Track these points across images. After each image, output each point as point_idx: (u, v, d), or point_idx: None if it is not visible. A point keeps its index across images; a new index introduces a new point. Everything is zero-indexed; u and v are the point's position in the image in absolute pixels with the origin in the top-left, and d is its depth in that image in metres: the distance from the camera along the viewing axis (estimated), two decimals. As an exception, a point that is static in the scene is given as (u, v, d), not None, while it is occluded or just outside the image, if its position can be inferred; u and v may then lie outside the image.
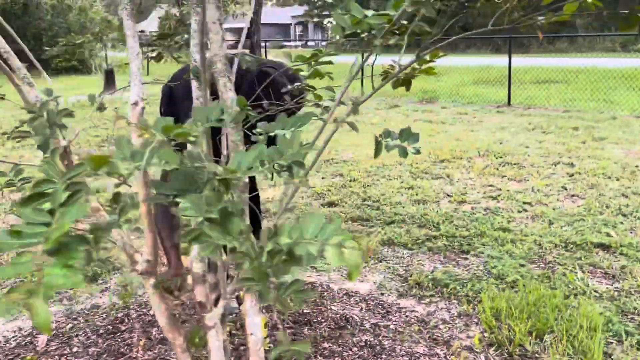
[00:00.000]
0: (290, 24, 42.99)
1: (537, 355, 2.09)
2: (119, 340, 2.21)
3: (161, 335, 2.20)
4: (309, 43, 34.12)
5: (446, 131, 6.90)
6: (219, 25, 1.24)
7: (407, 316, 2.39)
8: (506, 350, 2.12)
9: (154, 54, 1.60)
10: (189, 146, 1.22)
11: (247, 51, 1.96)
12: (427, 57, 1.95)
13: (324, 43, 34.14)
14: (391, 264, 2.99)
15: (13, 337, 2.29)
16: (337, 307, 2.45)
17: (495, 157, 5.40)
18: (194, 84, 1.34)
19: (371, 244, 3.20)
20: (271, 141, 1.73)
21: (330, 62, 1.61)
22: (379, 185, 4.57)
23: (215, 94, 2.08)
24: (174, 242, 2.25)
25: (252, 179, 2.79)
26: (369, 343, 2.16)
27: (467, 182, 4.62)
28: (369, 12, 1.29)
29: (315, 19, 38.04)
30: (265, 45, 17.00)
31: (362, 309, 2.45)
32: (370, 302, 2.52)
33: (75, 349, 2.16)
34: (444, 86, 10.86)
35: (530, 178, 4.65)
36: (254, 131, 1.29)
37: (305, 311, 2.38)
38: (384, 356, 2.07)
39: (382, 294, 2.61)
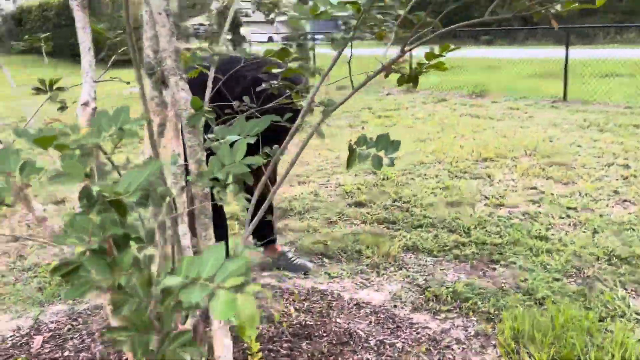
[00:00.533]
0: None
1: (558, 387, 1.86)
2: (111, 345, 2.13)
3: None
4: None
5: (493, 127, 6.55)
6: (166, 17, 1.10)
7: (418, 333, 2.19)
8: (524, 379, 1.90)
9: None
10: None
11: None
12: (436, 51, 1.76)
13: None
14: (411, 272, 2.79)
15: (10, 336, 2.26)
16: (343, 319, 2.28)
17: (543, 157, 5.04)
18: (147, 83, 1.21)
19: (392, 250, 3.00)
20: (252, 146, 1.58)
21: (306, 58, 1.44)
22: (412, 184, 4.35)
23: (220, 95, 1.96)
24: None
25: (274, 169, 2.64)
26: (371, 362, 1.98)
27: (508, 183, 4.32)
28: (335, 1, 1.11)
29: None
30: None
31: (370, 322, 2.28)
32: (381, 315, 2.34)
33: (67, 353, 2.10)
34: (498, 79, 10.38)
35: (578, 180, 4.30)
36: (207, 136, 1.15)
37: (308, 323, 2.23)
38: (385, 379, 1.90)
39: (395, 306, 2.42)
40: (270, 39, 32.65)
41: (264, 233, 2.79)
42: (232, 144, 1.11)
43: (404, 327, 2.23)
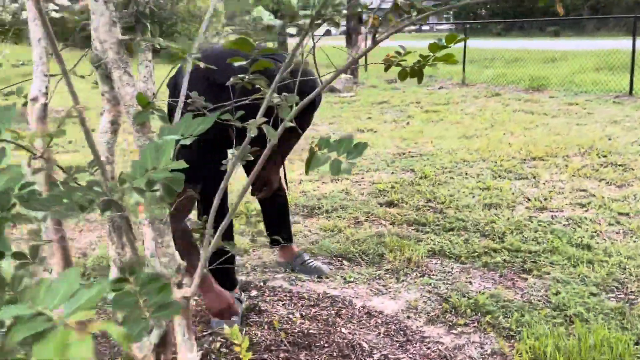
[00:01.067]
0: (406, 8, 41.60)
1: (578, 419, 1.65)
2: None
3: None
4: (424, 27, 33.02)
5: (547, 124, 6.17)
6: (103, 4, 1.00)
7: (428, 348, 2.02)
8: (539, 408, 1.70)
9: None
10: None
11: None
12: (444, 42, 1.59)
13: (439, 27, 33.04)
14: (434, 279, 2.61)
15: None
16: (349, 329, 2.14)
17: (598, 156, 4.68)
18: (97, 76, 1.12)
19: (416, 254, 2.83)
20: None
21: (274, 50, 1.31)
22: (451, 184, 4.12)
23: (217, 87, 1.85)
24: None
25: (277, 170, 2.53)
26: (372, 379, 1.84)
27: (555, 184, 4.02)
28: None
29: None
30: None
31: (379, 333, 2.13)
32: (392, 326, 2.18)
33: None
34: (559, 72, 9.83)
35: (635, 183, 3.95)
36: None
37: (311, 331, 2.10)
38: (384, 398, 1.75)
39: (409, 317, 2.25)
40: (328, 33, 32.44)
41: (280, 234, 2.68)
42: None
43: (414, 341, 2.06)
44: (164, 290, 0.87)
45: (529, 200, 3.69)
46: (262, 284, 2.56)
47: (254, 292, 2.47)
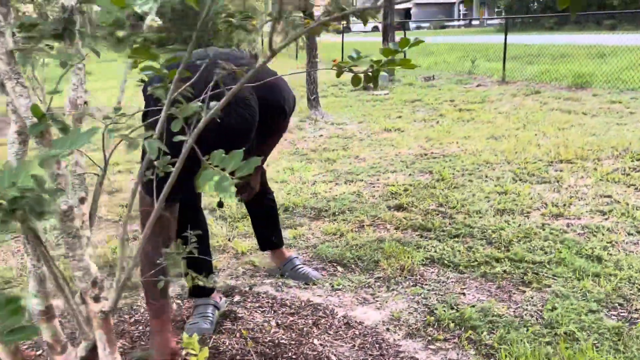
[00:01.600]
0: (454, 2, 40.89)
1: None
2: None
3: None
4: (473, 22, 32.22)
5: (583, 124, 5.87)
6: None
7: (400, 364, 1.94)
8: None
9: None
10: None
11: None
12: (392, 46, 1.52)
13: (490, 22, 32.15)
14: (425, 289, 2.51)
15: None
16: (322, 340, 2.07)
17: (632, 160, 4.41)
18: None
19: (412, 262, 2.72)
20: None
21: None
22: (467, 187, 3.97)
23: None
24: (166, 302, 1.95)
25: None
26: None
27: (578, 189, 3.81)
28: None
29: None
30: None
31: (353, 346, 2.05)
32: (369, 338, 2.10)
33: None
34: (607, 69, 9.35)
35: (666, 189, 3.69)
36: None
37: (282, 341, 2.05)
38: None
39: (388, 330, 2.17)
40: (376, 28, 32.26)
41: (268, 237, 2.64)
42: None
43: (388, 356, 1.98)
44: (15, 313, 0.85)
45: (546, 206, 3.51)
46: (247, 289, 2.53)
47: (237, 298, 2.44)
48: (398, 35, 11.22)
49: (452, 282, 2.58)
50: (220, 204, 2.26)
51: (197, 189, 0.98)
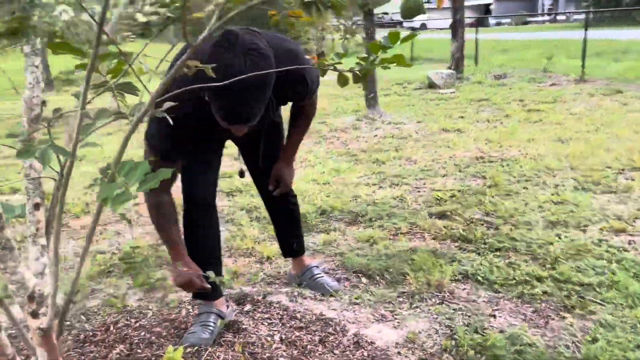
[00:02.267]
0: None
1: None
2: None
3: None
4: (558, 17, 30.51)
5: (665, 128, 5.31)
6: None
7: (404, 395, 1.75)
8: None
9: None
10: None
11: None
12: (383, 41, 1.37)
13: (578, 16, 30.35)
14: (452, 308, 2.29)
15: None
16: (324, 360, 1.92)
17: None
18: None
19: (442, 277, 2.50)
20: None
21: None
22: (521, 195, 3.66)
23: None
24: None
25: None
26: None
27: (648, 201, 3.41)
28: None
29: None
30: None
31: (358, 369, 1.88)
32: (377, 361, 1.92)
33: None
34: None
35: None
36: None
37: (280, 359, 1.91)
38: None
39: (399, 353, 1.97)
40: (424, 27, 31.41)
41: (289, 243, 2.51)
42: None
43: (392, 383, 1.79)
44: None
45: (608, 219, 3.15)
46: (261, 297, 2.41)
47: (247, 307, 2.33)
48: (469, 33, 10.75)
49: (483, 301, 2.34)
50: (242, 174, 2.23)
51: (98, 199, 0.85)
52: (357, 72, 1.34)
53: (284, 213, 2.46)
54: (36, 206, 1.25)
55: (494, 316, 2.23)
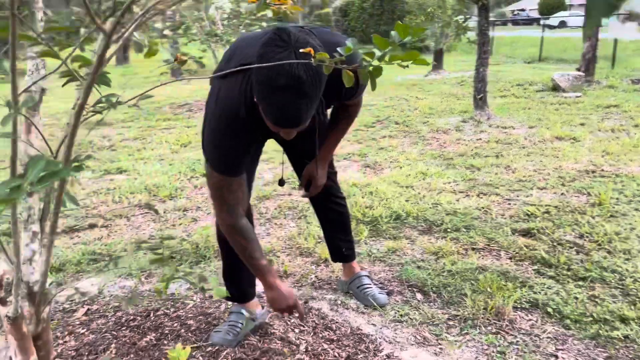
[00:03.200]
0: None
1: None
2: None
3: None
4: None
5: None
6: None
7: None
8: None
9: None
10: None
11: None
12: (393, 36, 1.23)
13: None
14: (508, 341, 2.01)
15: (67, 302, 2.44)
16: (344, 381, 1.76)
17: None
18: None
19: (502, 304, 2.22)
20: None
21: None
22: (628, 217, 3.19)
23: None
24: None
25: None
26: None
27: None
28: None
29: None
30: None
31: (378, 396, 1.71)
32: (402, 391, 1.73)
33: (88, 333, 2.15)
34: None
35: None
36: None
37: (298, 373, 1.79)
38: None
39: (430, 385, 1.76)
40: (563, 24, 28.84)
41: (338, 247, 2.38)
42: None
43: (412, 419, 1.60)
44: None
45: None
46: (302, 302, 2.31)
47: (285, 310, 2.23)
48: (601, 32, 9.74)
49: (547, 337, 2.04)
50: (282, 182, 2.09)
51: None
52: (369, 71, 1.17)
53: (330, 215, 2.32)
54: (30, 193, 1.25)
55: (556, 356, 1.92)
